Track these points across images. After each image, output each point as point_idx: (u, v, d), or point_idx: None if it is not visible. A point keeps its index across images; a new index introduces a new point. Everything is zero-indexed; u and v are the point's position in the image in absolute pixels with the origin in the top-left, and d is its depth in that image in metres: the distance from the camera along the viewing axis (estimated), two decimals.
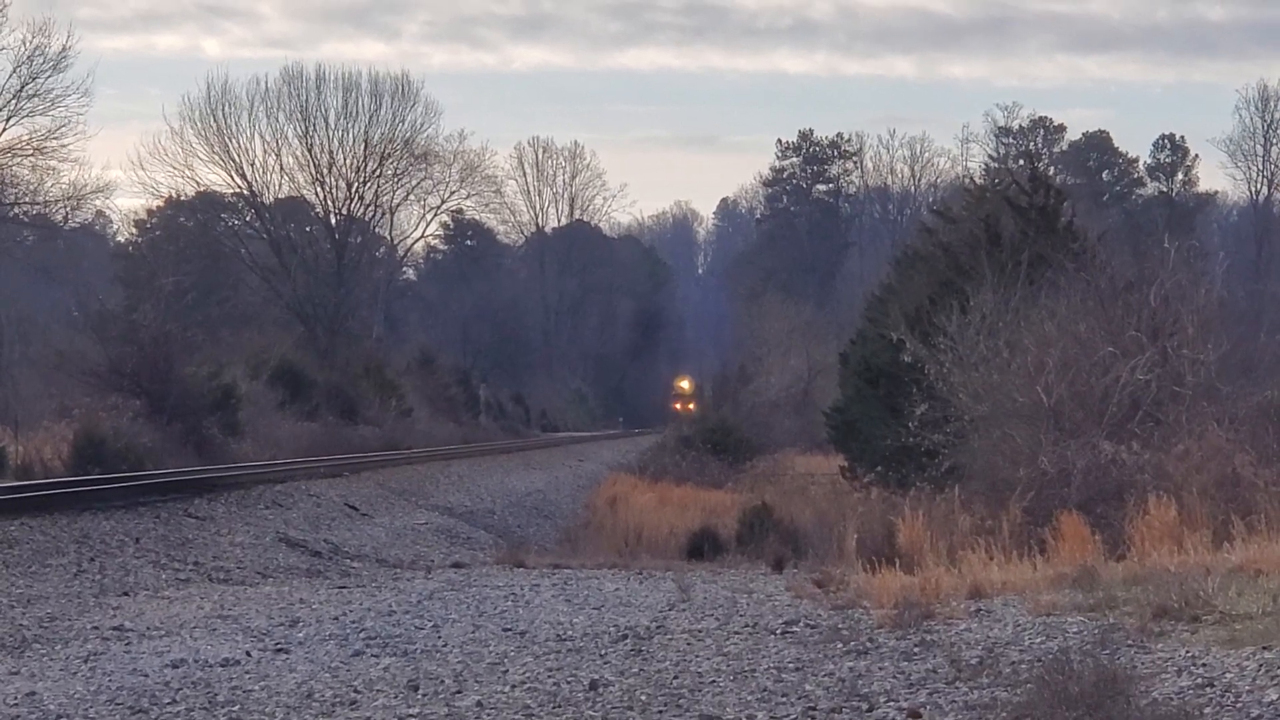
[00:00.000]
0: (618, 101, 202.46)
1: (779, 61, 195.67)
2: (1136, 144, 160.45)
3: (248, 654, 12.72)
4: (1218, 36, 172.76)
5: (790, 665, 11.96)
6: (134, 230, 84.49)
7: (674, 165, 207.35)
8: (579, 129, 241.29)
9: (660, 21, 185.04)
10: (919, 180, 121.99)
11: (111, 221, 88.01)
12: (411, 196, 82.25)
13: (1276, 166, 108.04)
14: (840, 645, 12.95)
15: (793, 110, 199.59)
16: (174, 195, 75.70)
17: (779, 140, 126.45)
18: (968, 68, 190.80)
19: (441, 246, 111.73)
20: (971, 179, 56.25)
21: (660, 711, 10.22)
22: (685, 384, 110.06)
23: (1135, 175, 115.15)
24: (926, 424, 27.19)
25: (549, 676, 11.56)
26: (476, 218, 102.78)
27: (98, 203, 65.66)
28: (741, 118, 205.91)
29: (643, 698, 10.67)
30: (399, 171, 78.47)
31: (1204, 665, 10.84)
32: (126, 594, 17.28)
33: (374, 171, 76.69)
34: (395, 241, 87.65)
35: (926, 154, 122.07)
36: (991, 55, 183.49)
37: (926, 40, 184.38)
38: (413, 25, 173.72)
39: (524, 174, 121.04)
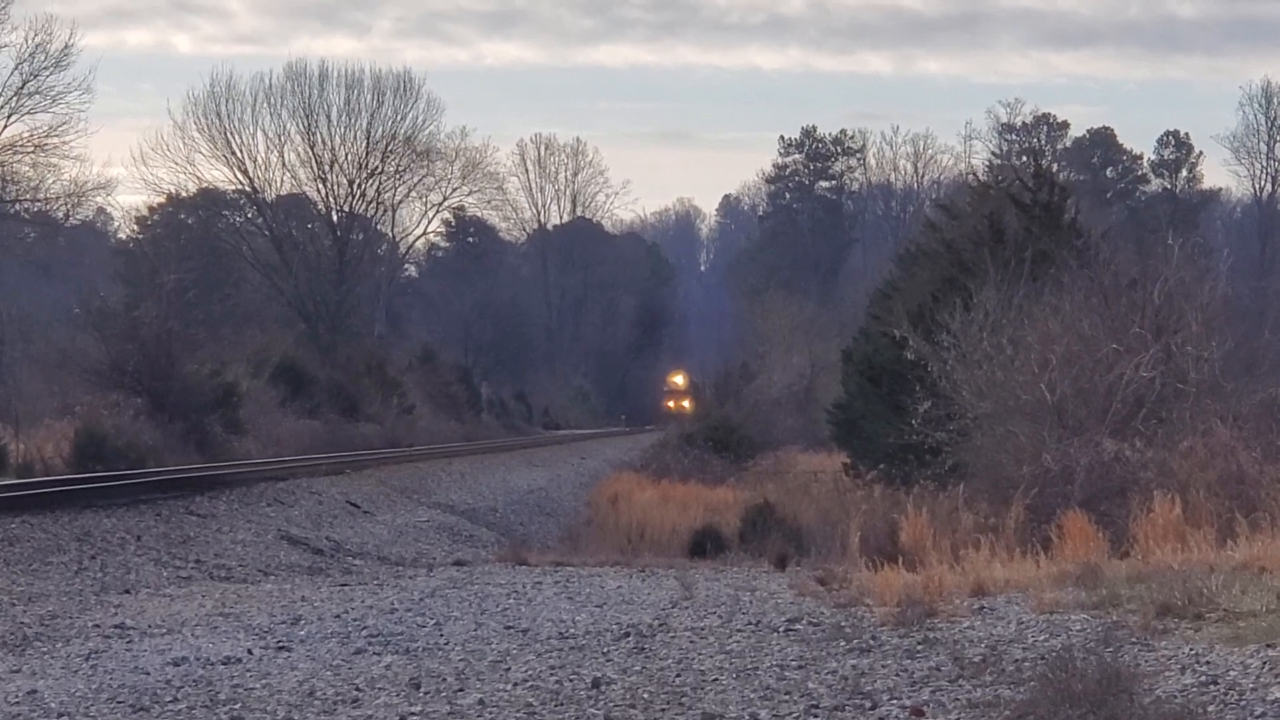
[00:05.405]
0: (592, 98, 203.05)
1: (752, 57, 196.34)
2: (1129, 140, 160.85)
3: (249, 652, 12.69)
4: (1192, 33, 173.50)
5: (793, 663, 11.93)
6: (135, 227, 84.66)
7: (653, 163, 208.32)
8: (553, 125, 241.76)
9: (631, 17, 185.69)
10: (922, 177, 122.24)
11: (113, 218, 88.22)
12: (413, 193, 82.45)
13: None
14: (843, 643, 12.92)
15: (769, 107, 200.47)
16: (176, 192, 75.85)
17: (781, 137, 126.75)
18: (942, 64, 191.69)
19: (443, 244, 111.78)
20: (975, 175, 56.22)
21: (663, 709, 10.19)
22: (680, 379, 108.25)
23: (1139, 172, 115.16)
24: (929, 421, 27.17)
25: (551, 674, 11.53)
26: (478, 214, 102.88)
27: (99, 199, 65.86)
28: (716, 114, 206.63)
29: (645, 695, 10.64)
30: (401, 168, 78.59)
31: (1208, 663, 10.81)
32: (128, 592, 17.24)
33: (376, 168, 76.75)
34: (397, 238, 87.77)
35: (930, 150, 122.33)
36: (966, 51, 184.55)
37: (900, 36, 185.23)
38: (383, 21, 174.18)
39: (526, 171, 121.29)
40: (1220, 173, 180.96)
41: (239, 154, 73.31)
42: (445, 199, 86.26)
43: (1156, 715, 9.29)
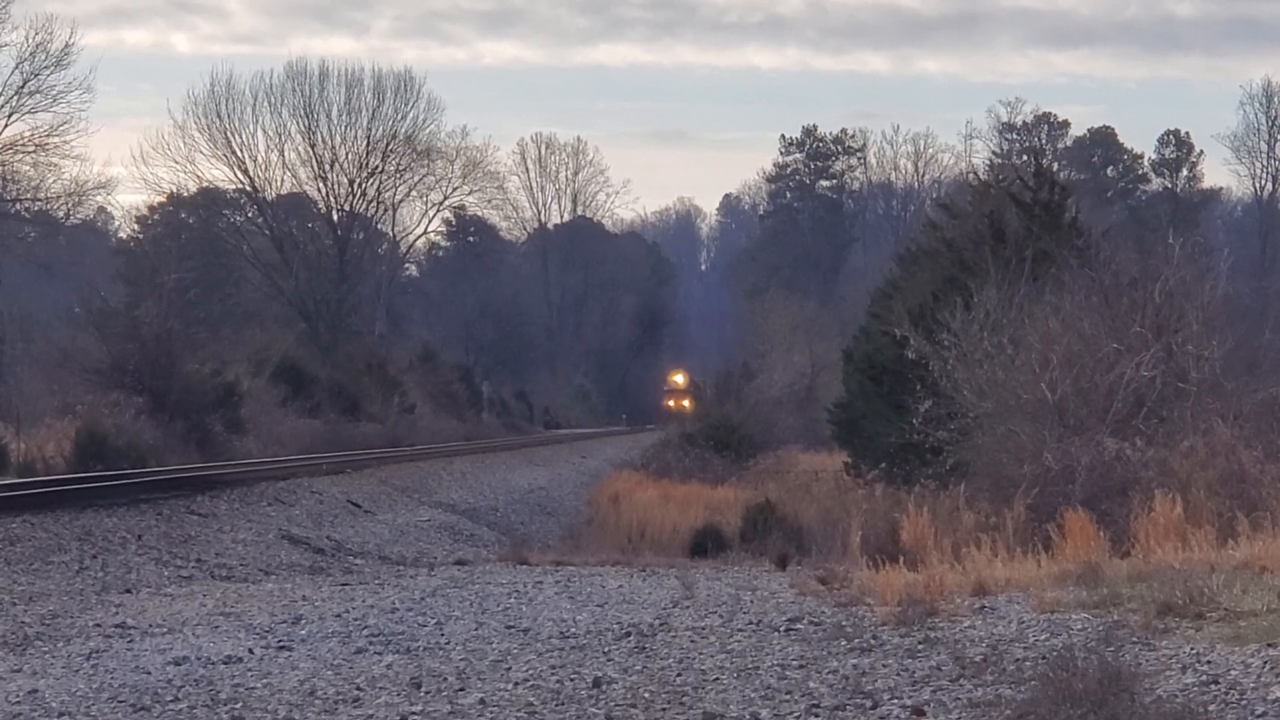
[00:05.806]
0: (591, 98, 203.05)
1: (750, 57, 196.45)
2: (1129, 140, 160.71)
3: (250, 651, 12.69)
4: (1190, 33, 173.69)
5: (794, 663, 11.93)
6: (135, 226, 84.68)
7: (653, 163, 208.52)
8: (552, 124, 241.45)
9: (629, 17, 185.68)
10: (923, 176, 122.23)
11: (113, 218, 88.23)
12: (414, 192, 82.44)
13: None
14: (844, 642, 12.92)
15: (769, 106, 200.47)
16: (176, 191, 75.89)
17: (782, 136, 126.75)
18: (941, 63, 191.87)
19: (444, 243, 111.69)
20: (975, 174, 56.20)
21: (664, 709, 10.19)
22: (680, 378, 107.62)
23: (1140, 171, 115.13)
24: (930, 421, 27.17)
25: (552, 674, 11.53)
26: (479, 214, 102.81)
27: (99, 199, 65.89)
28: (715, 114, 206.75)
29: (646, 695, 10.64)
30: (401, 167, 78.59)
31: (1209, 662, 10.81)
32: (129, 591, 17.25)
33: (376, 167, 76.76)
34: (398, 238, 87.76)
35: (930, 150, 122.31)
36: (964, 51, 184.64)
37: (898, 36, 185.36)
38: (381, 21, 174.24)
39: (526, 170, 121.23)
40: (1221, 172, 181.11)
41: (239, 153, 73.40)
42: (446, 198, 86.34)
43: (1158, 715, 9.29)
